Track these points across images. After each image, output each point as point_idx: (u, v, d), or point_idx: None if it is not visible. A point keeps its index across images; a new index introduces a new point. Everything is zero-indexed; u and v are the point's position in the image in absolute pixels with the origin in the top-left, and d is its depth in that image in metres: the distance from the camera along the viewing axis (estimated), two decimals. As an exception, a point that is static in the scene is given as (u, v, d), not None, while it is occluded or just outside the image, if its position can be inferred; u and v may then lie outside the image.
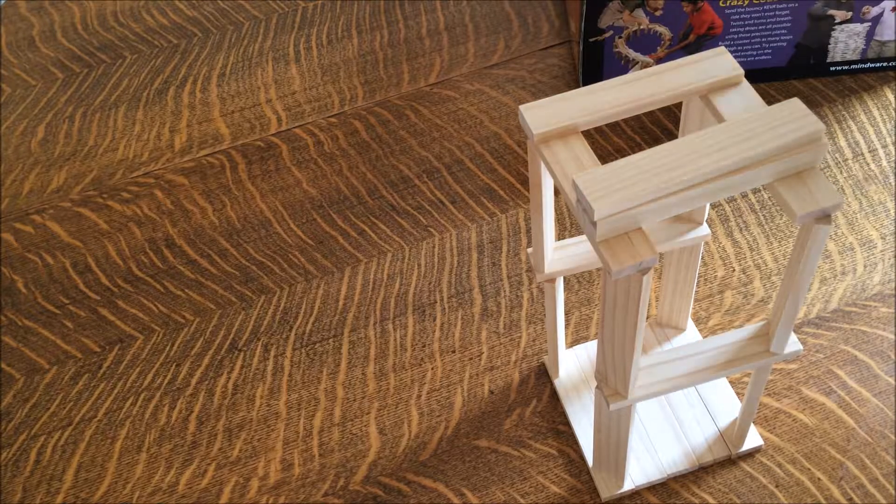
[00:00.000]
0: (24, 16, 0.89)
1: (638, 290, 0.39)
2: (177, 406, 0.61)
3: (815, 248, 0.40)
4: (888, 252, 0.64)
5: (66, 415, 0.62)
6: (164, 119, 0.78)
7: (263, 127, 0.77)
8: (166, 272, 0.68)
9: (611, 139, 0.73)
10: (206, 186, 0.73)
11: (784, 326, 0.45)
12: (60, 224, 0.72)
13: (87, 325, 0.66)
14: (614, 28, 0.71)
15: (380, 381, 0.61)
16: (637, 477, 0.55)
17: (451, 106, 0.76)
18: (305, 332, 0.64)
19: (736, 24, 0.70)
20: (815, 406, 0.57)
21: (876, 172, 0.68)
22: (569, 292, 0.64)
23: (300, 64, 0.81)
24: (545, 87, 0.77)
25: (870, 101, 0.73)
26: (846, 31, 0.71)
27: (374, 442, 0.58)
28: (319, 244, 0.69)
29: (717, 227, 0.66)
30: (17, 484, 0.59)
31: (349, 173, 0.73)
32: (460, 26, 0.82)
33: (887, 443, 0.56)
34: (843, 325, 0.61)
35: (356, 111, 0.77)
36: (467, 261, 0.66)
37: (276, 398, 0.61)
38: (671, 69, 0.43)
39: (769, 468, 0.55)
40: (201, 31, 0.85)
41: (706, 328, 0.61)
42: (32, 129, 0.79)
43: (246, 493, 0.57)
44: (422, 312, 0.64)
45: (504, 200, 0.70)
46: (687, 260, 0.54)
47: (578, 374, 0.59)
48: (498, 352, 0.62)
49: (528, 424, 0.58)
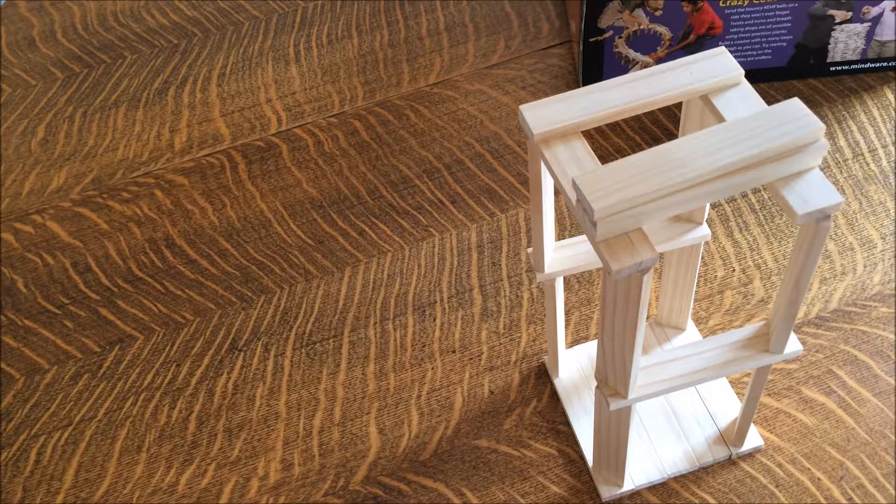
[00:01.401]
0: (24, 16, 0.89)
1: (638, 290, 0.39)
2: (177, 406, 0.61)
3: (815, 248, 0.40)
4: (888, 252, 0.64)
5: (66, 415, 0.62)
6: (164, 119, 0.78)
7: (263, 127, 0.77)
8: (166, 272, 0.68)
9: (611, 139, 0.73)
10: (206, 186, 0.73)
11: (784, 326, 0.45)
12: (60, 224, 0.72)
13: (87, 325, 0.66)
14: (614, 28, 0.71)
15: (380, 381, 0.61)
16: (637, 477, 0.55)
17: (451, 106, 0.76)
18: (305, 332, 0.64)
19: (736, 24, 0.70)
20: (815, 406, 0.57)
21: (876, 172, 0.68)
22: (569, 292, 0.64)
23: (300, 64, 0.81)
24: (545, 87, 0.77)
25: (870, 101, 0.73)
26: (846, 31, 0.71)
27: (374, 442, 0.58)
28: (319, 244, 0.69)
29: (717, 227, 0.66)
30: (17, 484, 0.59)
31: (349, 173, 0.73)
32: (460, 26, 0.82)
33: (887, 443, 0.56)
34: (843, 325, 0.61)
35: (356, 111, 0.77)
36: (467, 261, 0.66)
37: (276, 398, 0.61)
38: (671, 69, 0.43)
39: (769, 468, 0.55)
40: (201, 31, 0.85)
41: (706, 328, 0.61)
42: (32, 129, 0.79)
43: (246, 493, 0.57)
44: (422, 312, 0.64)
45: (504, 200, 0.70)
46: (687, 260, 0.54)
47: (578, 374, 0.59)
48: (498, 352, 0.62)
49: (528, 424, 0.58)
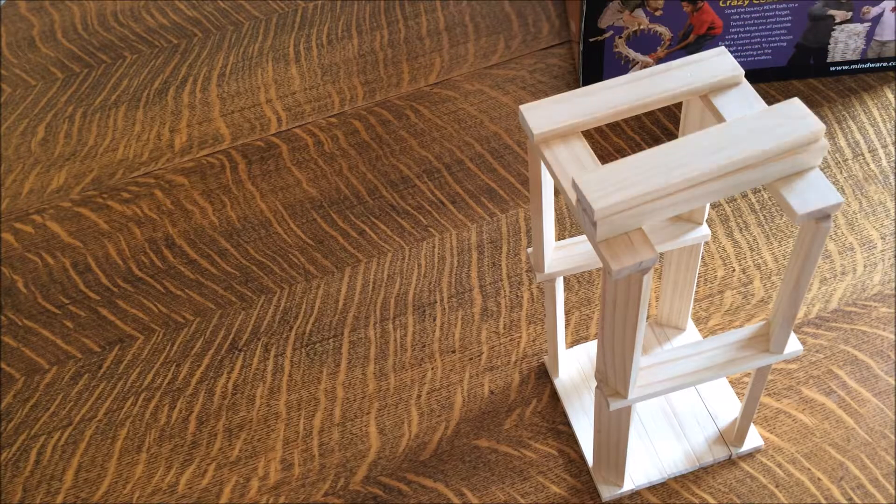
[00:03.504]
0: (24, 16, 0.89)
1: (638, 290, 0.39)
2: (177, 406, 0.61)
3: (815, 248, 0.40)
4: (888, 252, 0.64)
5: (66, 415, 0.62)
6: (164, 119, 0.78)
7: (263, 127, 0.77)
8: (166, 272, 0.68)
9: (611, 139, 0.73)
10: (206, 186, 0.73)
11: (784, 326, 0.45)
12: (60, 224, 0.72)
13: (87, 325, 0.66)
14: (614, 28, 0.71)
15: (380, 381, 0.61)
16: (637, 477, 0.55)
17: (451, 106, 0.76)
18: (305, 332, 0.64)
19: (736, 24, 0.70)
20: (815, 406, 0.57)
21: (876, 172, 0.68)
22: (569, 292, 0.64)
23: (300, 64, 0.81)
24: (545, 87, 0.77)
25: (870, 101, 0.73)
26: (846, 31, 0.71)
27: (374, 442, 0.58)
28: (319, 244, 0.69)
29: (717, 227, 0.66)
30: (17, 484, 0.59)
31: (349, 173, 0.73)
32: (460, 26, 0.82)
33: (887, 443, 0.56)
34: (843, 325, 0.61)
35: (356, 111, 0.77)
36: (467, 261, 0.66)
37: (276, 398, 0.61)
38: (671, 69, 0.43)
39: (769, 468, 0.55)
40: (201, 31, 0.85)
41: (706, 328, 0.61)
42: (32, 129, 0.79)
43: (246, 493, 0.57)
44: (422, 312, 0.64)
45: (504, 200, 0.70)
46: (687, 260, 0.54)
47: (578, 374, 0.59)
48: (498, 352, 0.62)
49: (528, 424, 0.58)
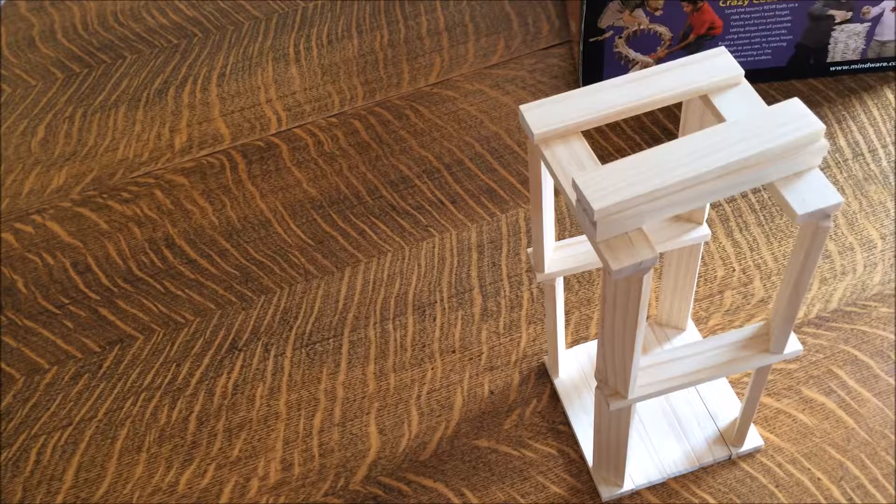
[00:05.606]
0: (24, 16, 0.89)
1: (638, 290, 0.39)
2: (177, 406, 0.61)
3: (815, 248, 0.40)
4: (888, 252, 0.64)
5: (66, 415, 0.62)
6: (164, 119, 0.78)
7: (263, 127, 0.77)
8: (166, 272, 0.68)
9: (611, 139, 0.73)
10: (206, 186, 0.73)
11: (784, 326, 0.45)
12: (60, 224, 0.72)
13: (87, 325, 0.66)
14: (614, 28, 0.71)
15: (380, 381, 0.61)
16: (637, 477, 0.55)
17: (451, 106, 0.76)
18: (305, 332, 0.64)
19: (736, 24, 0.70)
20: (815, 406, 0.57)
21: (876, 172, 0.68)
22: (569, 292, 0.64)
23: (300, 64, 0.81)
24: (545, 87, 0.77)
25: (870, 101, 0.73)
26: (846, 31, 0.71)
27: (374, 442, 0.58)
28: (319, 244, 0.69)
29: (717, 227, 0.66)
30: (17, 484, 0.59)
31: (349, 173, 0.73)
32: (460, 26, 0.82)
33: (887, 443, 0.56)
34: (843, 325, 0.61)
35: (356, 111, 0.77)
36: (467, 261, 0.66)
37: (276, 398, 0.61)
38: (671, 69, 0.43)
39: (769, 468, 0.55)
40: (201, 31, 0.85)
41: (706, 328, 0.61)
42: (32, 129, 0.79)
43: (246, 493, 0.57)
44: (422, 312, 0.64)
45: (504, 200, 0.70)
46: (687, 260, 0.54)
47: (578, 374, 0.59)
48: (498, 352, 0.62)
49: (528, 424, 0.58)
